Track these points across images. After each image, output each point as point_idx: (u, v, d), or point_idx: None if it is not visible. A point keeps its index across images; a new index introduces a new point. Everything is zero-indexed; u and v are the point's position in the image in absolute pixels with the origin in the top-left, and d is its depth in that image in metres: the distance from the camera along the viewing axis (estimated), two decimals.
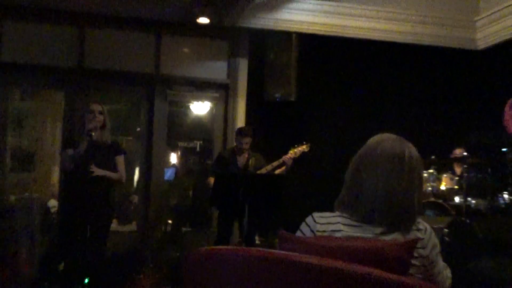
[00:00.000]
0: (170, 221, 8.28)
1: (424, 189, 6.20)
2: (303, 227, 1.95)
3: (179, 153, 9.93)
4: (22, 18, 6.94)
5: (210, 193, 5.49)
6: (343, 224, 1.87)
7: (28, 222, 6.21)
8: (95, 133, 4.41)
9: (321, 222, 1.91)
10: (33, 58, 6.98)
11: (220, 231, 5.86)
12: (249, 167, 5.77)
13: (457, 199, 6.25)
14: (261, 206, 4.91)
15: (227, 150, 6.24)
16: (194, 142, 9.71)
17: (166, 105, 7.52)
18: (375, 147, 1.94)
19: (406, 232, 1.85)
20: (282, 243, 1.80)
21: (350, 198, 1.92)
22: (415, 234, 1.86)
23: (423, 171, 2.06)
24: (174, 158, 9.87)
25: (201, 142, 9.38)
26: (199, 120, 8.99)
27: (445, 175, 6.48)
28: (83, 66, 7.12)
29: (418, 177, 1.93)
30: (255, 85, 7.45)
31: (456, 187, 6.32)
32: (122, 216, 8.32)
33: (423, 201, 5.29)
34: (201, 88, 7.56)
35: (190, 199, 8.21)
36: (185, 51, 7.55)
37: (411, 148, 1.94)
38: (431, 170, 6.64)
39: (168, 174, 8.74)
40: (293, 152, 5.85)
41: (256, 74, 7.45)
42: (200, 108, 7.91)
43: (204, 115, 8.18)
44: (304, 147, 5.92)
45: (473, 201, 6.25)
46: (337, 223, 1.88)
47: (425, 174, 6.48)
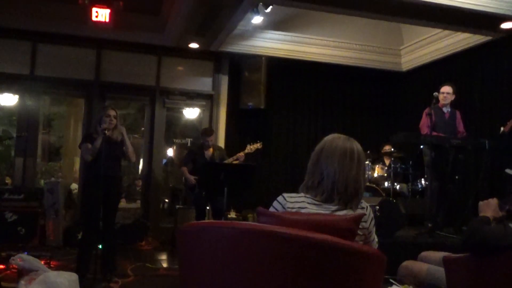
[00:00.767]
0: (167, 200, 8.19)
1: None
2: (276, 204, 1.90)
3: (174, 148, 9.82)
4: (52, 42, 6.81)
5: (198, 179, 5.43)
6: (307, 203, 1.86)
7: (54, 201, 6.07)
8: (109, 132, 4.31)
9: (291, 201, 1.87)
10: (60, 73, 6.84)
11: (197, 208, 5.75)
12: (214, 159, 5.71)
13: (386, 184, 6.28)
14: (237, 188, 4.86)
15: (196, 146, 6.13)
16: (186, 139, 9.62)
17: (164, 111, 7.42)
18: (331, 143, 1.94)
19: (354, 209, 1.88)
20: (260, 217, 1.76)
21: (314, 183, 1.90)
22: (360, 211, 1.89)
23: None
24: (170, 152, 9.76)
25: (192, 139, 9.29)
26: (190, 122, 8.90)
27: (377, 166, 6.51)
28: (100, 79, 7.00)
29: (363, 167, 1.96)
30: (233, 96, 7.40)
31: (385, 175, 6.35)
32: (130, 196, 8.20)
33: None
34: (192, 98, 7.49)
35: (183, 183, 8.10)
36: (180, 69, 7.47)
37: (358, 145, 1.96)
38: (367, 162, 6.66)
39: (164, 163, 8.63)
40: (249, 149, 5.78)
41: (234, 88, 7.40)
42: (191, 113, 7.82)
43: (194, 118, 8.09)
44: (258, 145, 5.84)
45: (398, 186, 6.30)
46: (303, 202, 1.87)
47: None
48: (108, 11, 5.99)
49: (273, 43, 7.32)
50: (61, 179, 6.86)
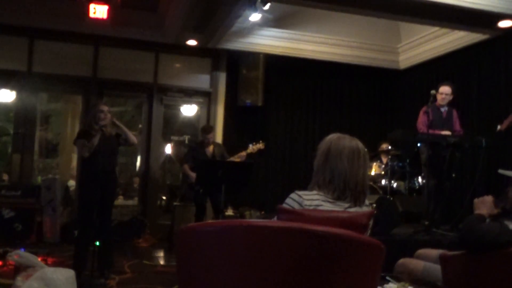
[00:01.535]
0: (164, 197, 8.18)
1: None
2: (291, 202, 1.91)
3: (172, 145, 9.80)
4: (49, 38, 6.77)
5: (196, 176, 5.42)
6: (322, 201, 1.90)
7: (51, 198, 6.05)
8: (106, 128, 4.32)
9: (307, 199, 1.90)
10: (57, 69, 6.81)
11: (197, 205, 5.74)
12: (215, 155, 5.70)
13: (383, 182, 6.29)
14: (235, 185, 4.86)
15: (196, 143, 6.12)
16: (184, 136, 9.60)
17: (162, 108, 7.41)
18: (338, 142, 1.98)
19: (361, 206, 1.94)
20: (280, 214, 1.79)
21: (325, 181, 1.94)
22: (365, 208, 1.95)
23: None
24: (168, 149, 9.74)
25: (189, 136, 9.27)
26: (188, 120, 8.88)
27: (375, 163, 6.51)
28: (97, 76, 6.97)
29: (367, 166, 2.02)
30: (231, 93, 7.39)
31: (383, 173, 6.36)
32: (127, 193, 8.19)
33: None
34: (189, 95, 7.48)
35: (180, 180, 8.10)
36: (177, 66, 7.46)
37: (361, 144, 2.01)
38: None
39: (162, 160, 8.62)
40: (251, 149, 5.78)
41: (232, 85, 7.39)
42: (189, 110, 7.81)
43: (192, 116, 8.08)
44: (260, 145, 5.83)
45: (395, 184, 6.31)
46: (318, 200, 1.90)
47: None
48: (106, 8, 5.98)
49: (271, 41, 7.31)
50: (58, 176, 6.83)
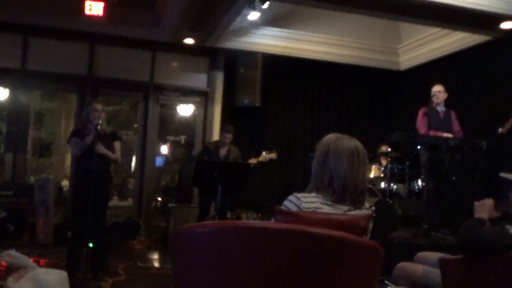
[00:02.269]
0: (160, 198, 8.17)
1: None
2: (289, 204, 1.89)
3: (168, 145, 9.79)
4: (44, 35, 6.75)
5: (192, 176, 5.41)
6: (321, 203, 1.88)
7: (44, 198, 6.04)
8: (100, 127, 4.32)
9: (305, 201, 1.88)
10: (52, 67, 6.79)
11: (201, 207, 5.77)
12: (229, 158, 5.69)
13: (382, 185, 6.29)
14: (231, 187, 4.85)
15: (212, 143, 6.11)
16: (180, 136, 9.59)
17: (158, 107, 7.40)
18: (337, 143, 1.95)
19: (360, 209, 1.91)
20: (278, 216, 1.77)
21: (323, 183, 1.92)
22: (365, 211, 1.93)
23: None
24: (164, 149, 9.73)
25: (186, 137, 9.27)
26: (184, 119, 8.88)
27: (374, 166, 6.52)
28: (92, 74, 6.96)
29: (366, 167, 2.00)
30: (229, 93, 7.38)
31: (382, 175, 6.36)
32: (122, 194, 8.18)
33: None
34: (186, 94, 7.47)
35: (176, 181, 8.09)
36: (174, 65, 7.45)
37: (360, 144, 1.98)
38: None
39: (159, 161, 8.61)
40: (263, 157, 5.77)
41: (230, 85, 7.38)
42: (185, 110, 7.81)
43: (188, 116, 8.08)
44: (273, 155, 5.83)
45: (395, 186, 6.31)
46: (316, 202, 1.88)
47: None
48: (102, 5, 5.96)
49: (270, 40, 7.31)
50: (52, 176, 6.81)
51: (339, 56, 7.63)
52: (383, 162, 6.64)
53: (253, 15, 5.92)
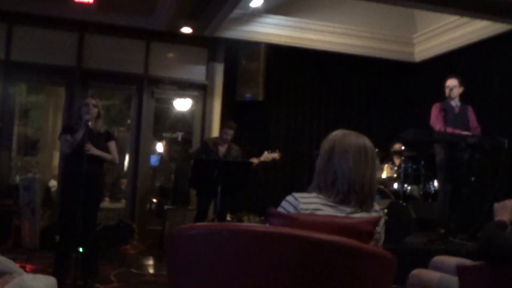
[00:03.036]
0: (155, 200, 8.20)
1: None
2: (286, 205, 1.89)
3: (164, 143, 9.82)
4: (30, 24, 6.77)
5: (189, 176, 5.42)
6: (321, 204, 1.87)
7: (31, 199, 6.05)
8: (91, 123, 4.33)
9: (304, 202, 1.87)
10: (38, 58, 6.80)
11: (199, 209, 5.79)
12: (228, 157, 5.68)
13: (396, 186, 6.29)
14: (231, 188, 4.87)
15: (211, 140, 6.12)
16: (177, 133, 9.61)
17: (153, 102, 7.42)
18: (343, 140, 1.94)
19: (368, 212, 1.90)
20: (271, 219, 1.76)
21: (327, 183, 1.91)
22: (374, 214, 1.91)
23: None
24: (159, 147, 9.75)
25: (183, 134, 9.29)
26: (181, 115, 8.91)
27: (386, 165, 6.52)
28: (82, 66, 6.97)
29: (375, 165, 1.98)
30: (229, 86, 7.39)
31: (395, 176, 6.36)
32: (114, 195, 8.21)
33: None
34: (183, 88, 7.49)
35: (172, 181, 8.11)
36: (170, 56, 7.47)
37: (369, 141, 1.97)
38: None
39: (154, 160, 8.63)
40: (265, 157, 5.77)
41: (230, 77, 7.39)
42: (182, 105, 7.84)
43: (185, 111, 8.10)
44: (276, 155, 5.82)
45: (409, 187, 6.31)
46: (316, 203, 1.87)
47: None
48: None
49: (274, 29, 7.31)
50: (38, 175, 6.84)
51: (349, 47, 7.63)
52: (397, 162, 6.64)
53: (256, 2, 5.94)
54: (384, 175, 6.45)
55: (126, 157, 7.98)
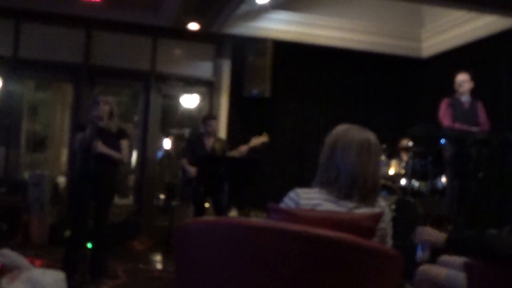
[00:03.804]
0: (162, 196, 8.22)
1: None
2: (288, 200, 1.90)
3: (172, 139, 9.83)
4: (37, 21, 6.80)
5: (196, 173, 5.42)
6: (323, 200, 1.86)
7: (39, 195, 6.10)
8: (101, 121, 4.30)
9: (305, 197, 1.87)
10: (46, 55, 6.84)
11: (196, 206, 5.75)
12: (216, 150, 5.66)
13: (403, 182, 6.28)
14: (239, 184, 4.87)
15: (195, 135, 6.09)
16: (184, 130, 9.63)
17: (160, 98, 7.44)
18: (345, 134, 1.93)
19: (372, 207, 1.88)
20: (272, 214, 1.77)
21: (330, 178, 1.90)
22: (377, 209, 1.89)
23: None
24: (167, 143, 9.77)
25: (190, 130, 9.30)
26: (188, 111, 8.92)
27: (394, 161, 6.50)
28: (89, 63, 7.00)
29: (379, 160, 1.98)
30: (236, 83, 7.38)
31: (402, 172, 6.35)
32: (121, 191, 8.24)
33: None
34: (190, 84, 7.50)
35: (180, 178, 8.13)
36: (177, 52, 7.48)
37: (373, 135, 1.95)
38: (382, 157, 6.65)
39: (161, 156, 8.66)
40: (254, 143, 5.72)
41: (237, 73, 7.38)
42: (189, 101, 7.85)
43: (193, 107, 8.10)
44: (264, 138, 5.76)
45: (416, 184, 6.29)
46: (317, 199, 1.87)
47: None
48: None
49: (281, 25, 7.30)
50: (47, 172, 6.88)
51: (356, 43, 7.60)
52: (404, 158, 6.62)
53: None
54: (392, 171, 6.43)
55: (134, 154, 8.00)
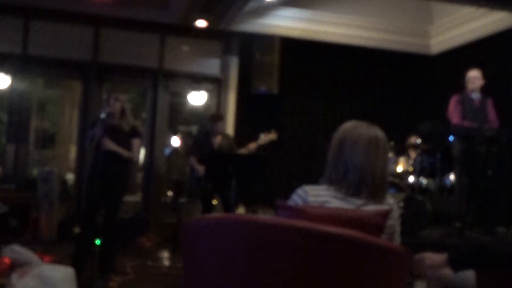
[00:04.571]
0: (170, 193, 8.24)
1: None
2: (296, 197, 1.90)
3: (180, 136, 9.85)
4: (46, 18, 6.84)
5: (204, 170, 5.43)
6: (331, 196, 1.86)
7: (48, 192, 6.14)
8: (112, 119, 4.30)
9: (312, 194, 1.87)
10: (55, 52, 6.87)
11: (204, 203, 5.76)
12: (223, 148, 5.67)
13: (411, 179, 6.25)
14: (247, 181, 4.88)
15: (202, 133, 6.09)
16: (191, 127, 9.64)
17: (168, 95, 7.46)
18: (353, 131, 1.93)
19: (380, 204, 1.87)
20: (280, 211, 1.77)
21: (338, 175, 1.90)
22: (386, 206, 1.88)
23: None
24: (175, 140, 9.78)
25: (198, 127, 9.31)
26: (196, 108, 8.92)
27: (402, 159, 6.47)
28: (98, 60, 7.02)
29: (387, 157, 1.97)
30: (244, 80, 7.39)
31: (411, 169, 6.32)
32: (129, 188, 8.26)
33: None
34: (198, 81, 7.51)
35: (187, 175, 8.15)
36: (185, 50, 7.49)
37: (381, 132, 1.95)
38: (390, 154, 6.63)
39: (169, 153, 8.67)
40: (262, 140, 5.73)
41: (245, 71, 7.38)
42: (197, 98, 7.85)
43: (200, 104, 8.11)
44: (272, 135, 5.78)
45: (424, 181, 6.27)
46: (325, 196, 1.87)
47: None
48: None
49: (289, 22, 7.29)
50: (56, 169, 6.93)
51: (364, 39, 7.58)
52: (412, 155, 6.59)
53: None
54: (400, 169, 6.41)
55: (142, 151, 8.03)
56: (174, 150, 9.45)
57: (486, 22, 6.84)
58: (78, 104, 7.44)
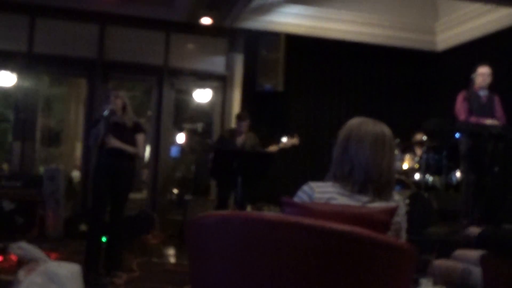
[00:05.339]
0: (175, 190, 8.27)
1: None
2: (301, 194, 1.89)
3: (184, 133, 9.87)
4: (52, 16, 6.85)
5: (210, 167, 5.44)
6: (336, 193, 1.85)
7: (54, 190, 6.16)
8: (114, 115, 4.29)
9: (318, 191, 1.86)
10: (60, 50, 6.89)
11: (219, 200, 5.81)
12: (246, 146, 5.70)
13: (417, 176, 6.23)
14: (252, 178, 4.87)
15: (227, 132, 6.14)
16: (197, 124, 9.66)
17: (173, 93, 7.46)
18: (359, 128, 1.91)
19: (386, 201, 1.86)
20: (285, 208, 1.77)
21: (343, 171, 1.88)
22: (392, 204, 1.87)
23: None
24: (180, 137, 9.81)
25: (203, 124, 9.33)
26: (201, 106, 8.93)
27: (408, 156, 6.45)
28: (103, 58, 7.04)
29: (394, 154, 1.95)
30: (249, 77, 7.38)
31: (416, 166, 6.30)
32: (135, 186, 8.29)
33: None
34: (203, 79, 7.51)
35: (193, 172, 8.17)
36: (190, 47, 7.49)
37: (387, 129, 1.93)
38: (396, 152, 6.61)
39: (174, 151, 8.70)
40: (283, 144, 5.76)
41: (250, 68, 7.38)
42: (202, 96, 7.84)
43: (205, 102, 8.11)
44: (295, 140, 5.81)
45: (430, 178, 6.25)
46: (331, 192, 1.85)
47: None
48: None
49: (294, 19, 7.28)
50: (62, 166, 6.95)
51: (370, 36, 7.55)
52: (418, 152, 6.57)
53: None
54: (406, 166, 6.39)
55: (147, 148, 8.06)
56: (182, 149, 9.49)
57: (492, 19, 6.80)
58: (84, 102, 7.46)
